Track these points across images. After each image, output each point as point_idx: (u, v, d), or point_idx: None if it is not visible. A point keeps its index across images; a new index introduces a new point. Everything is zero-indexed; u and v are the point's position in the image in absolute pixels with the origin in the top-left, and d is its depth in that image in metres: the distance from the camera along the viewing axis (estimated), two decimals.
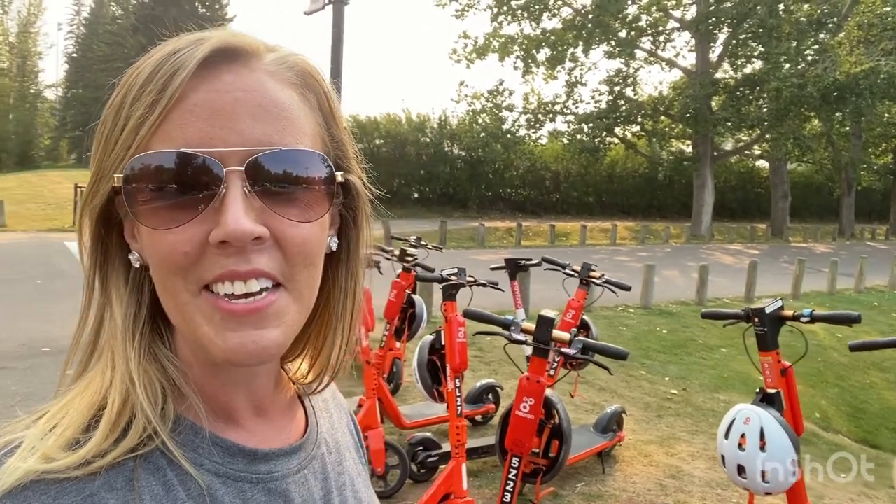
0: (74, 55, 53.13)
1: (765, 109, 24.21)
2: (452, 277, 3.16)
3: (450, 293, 3.14)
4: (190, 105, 0.50)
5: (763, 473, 2.09)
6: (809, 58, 22.51)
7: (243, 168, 0.50)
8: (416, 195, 27.12)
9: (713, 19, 23.78)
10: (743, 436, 2.13)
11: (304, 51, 0.59)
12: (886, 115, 28.30)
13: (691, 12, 25.81)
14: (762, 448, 2.08)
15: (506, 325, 2.34)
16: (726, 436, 2.19)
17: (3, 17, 42.64)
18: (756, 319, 2.36)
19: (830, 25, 23.32)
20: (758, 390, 2.28)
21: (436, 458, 3.83)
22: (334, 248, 0.61)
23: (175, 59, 0.51)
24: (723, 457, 2.20)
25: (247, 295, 0.50)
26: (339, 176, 0.56)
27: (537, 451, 2.64)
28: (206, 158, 0.49)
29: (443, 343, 3.29)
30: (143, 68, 0.52)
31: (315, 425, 0.67)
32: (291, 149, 0.52)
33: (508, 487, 2.22)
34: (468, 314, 2.55)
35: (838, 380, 8.54)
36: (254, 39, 0.55)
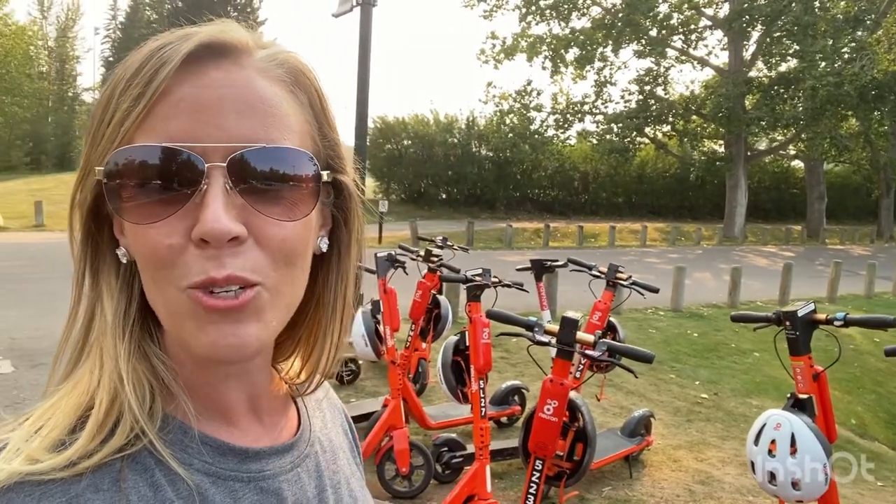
0: (111, 59, 54.41)
1: (800, 108, 23.68)
2: (477, 278, 3.14)
3: (474, 294, 3.12)
4: (175, 100, 0.50)
5: (794, 482, 2.03)
6: (846, 55, 21.96)
7: (225, 164, 0.49)
8: (443, 196, 27.16)
9: (746, 17, 23.33)
10: (773, 442, 2.08)
11: (332, 53, 0.58)
12: None
13: (724, 10, 25.36)
14: (793, 454, 2.03)
15: (529, 327, 2.31)
16: (756, 442, 2.14)
17: (43, 23, 43.77)
18: (787, 323, 2.29)
19: (868, 22, 22.71)
20: (789, 395, 2.22)
21: (460, 460, 3.82)
22: (324, 250, 0.60)
23: (162, 53, 0.50)
24: (752, 463, 2.16)
25: (226, 290, 0.49)
26: (325, 175, 0.55)
27: (561, 454, 2.60)
28: (188, 153, 0.49)
29: (467, 344, 3.28)
30: (131, 63, 0.52)
31: (308, 424, 0.66)
32: (276, 146, 0.51)
33: (532, 490, 2.20)
34: (491, 315, 2.53)
35: (876, 386, 8.31)
36: (244, 35, 0.54)
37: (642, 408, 4.68)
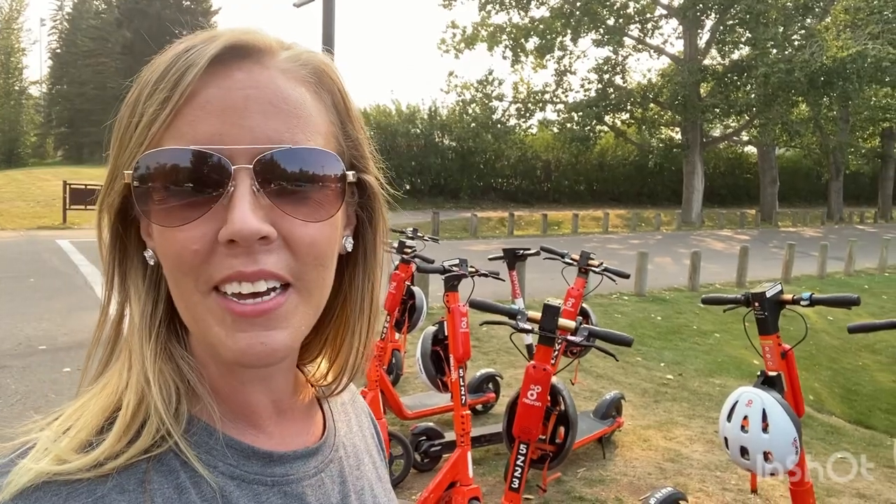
0: (58, 51, 52.59)
1: (753, 95, 24.30)
2: (454, 268, 3.18)
3: (452, 284, 3.16)
4: (201, 102, 0.50)
5: (766, 454, 2.13)
6: (797, 43, 22.60)
7: (252, 166, 0.50)
8: (407, 187, 27.11)
9: (700, 5, 23.80)
10: (745, 418, 2.17)
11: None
12: (873, 98, 28.44)
13: None
14: (764, 430, 2.13)
15: (512, 315, 2.37)
16: (729, 418, 2.23)
17: None
18: (756, 304, 2.39)
19: (817, 10, 23.41)
20: (759, 373, 2.32)
21: (439, 448, 3.87)
22: (349, 249, 0.60)
23: (187, 56, 0.51)
24: (725, 439, 2.25)
25: (254, 294, 0.50)
26: (350, 175, 0.56)
27: (544, 437, 2.68)
28: (215, 156, 0.49)
29: (445, 333, 3.32)
30: (157, 66, 0.52)
31: (333, 428, 0.66)
32: (302, 147, 0.51)
33: (516, 474, 2.26)
34: (474, 304, 2.58)
35: (831, 362, 8.67)
36: (267, 36, 0.55)
37: (612, 390, 4.80)
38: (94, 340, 0.56)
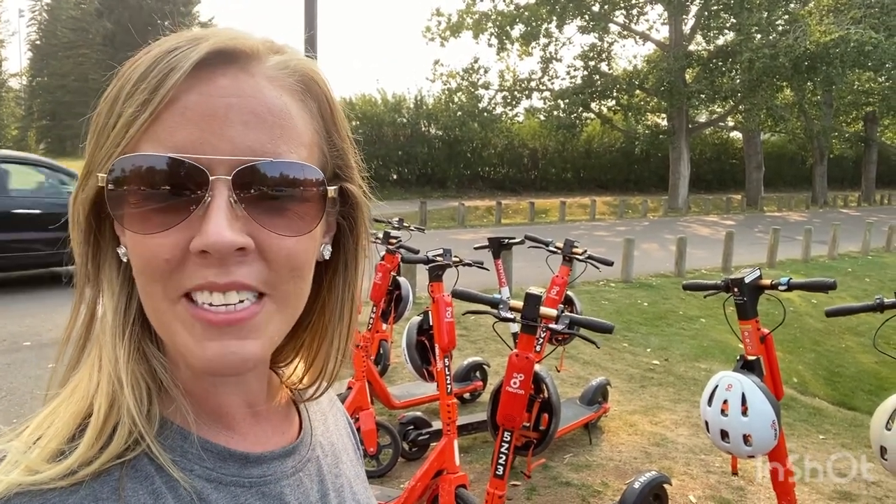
0: (38, 42, 51.79)
1: (738, 81, 24.38)
2: (438, 258, 3.19)
3: (436, 274, 3.17)
4: (181, 108, 0.49)
5: (745, 437, 2.17)
6: (780, 28, 22.68)
7: (230, 177, 0.48)
8: (394, 176, 27.03)
9: None
10: (725, 402, 2.20)
11: (276, 32, 0.57)
12: (856, 83, 28.68)
13: None
14: (744, 413, 2.16)
15: (494, 304, 2.38)
16: (709, 402, 2.26)
17: None
18: (735, 289, 2.42)
19: None
20: (738, 357, 2.35)
21: (426, 437, 3.90)
22: (327, 257, 0.59)
23: (171, 58, 0.49)
24: (706, 423, 2.28)
25: (226, 305, 0.49)
26: (331, 191, 0.55)
27: (528, 424, 2.70)
28: (193, 165, 0.48)
29: (430, 323, 3.33)
30: (140, 64, 0.50)
31: (309, 427, 0.66)
32: (283, 160, 0.50)
33: (501, 461, 2.28)
34: (457, 294, 2.59)
35: (814, 345, 8.78)
36: (256, 41, 0.53)
37: (599, 377, 4.84)
38: (64, 338, 0.54)
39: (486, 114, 27.07)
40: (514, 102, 27.57)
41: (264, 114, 0.50)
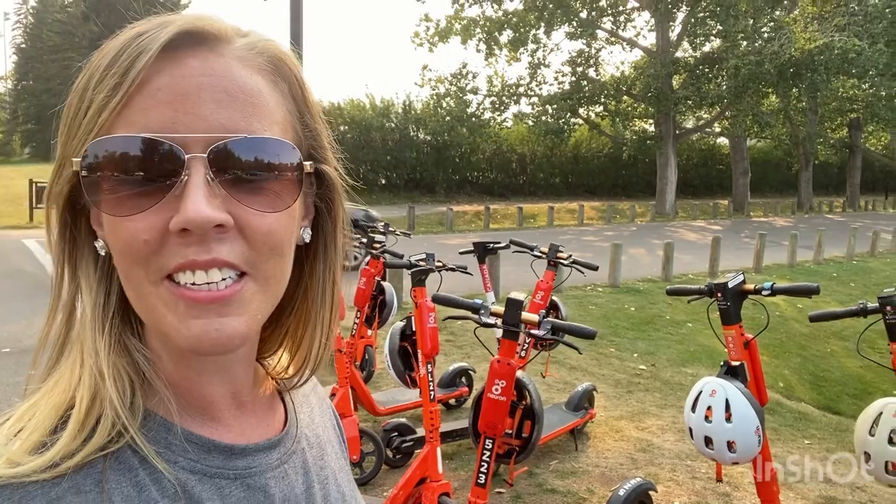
0: (23, 46, 51.39)
1: (724, 87, 24.56)
2: (421, 263, 3.15)
3: (419, 279, 3.13)
4: (153, 90, 0.48)
5: (730, 444, 2.14)
6: (766, 35, 22.87)
7: (206, 155, 0.48)
8: (382, 181, 26.99)
9: None
10: (709, 408, 2.18)
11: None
12: (841, 89, 28.95)
13: None
14: (728, 419, 2.14)
15: (475, 309, 2.34)
16: (693, 409, 2.24)
17: None
18: (719, 294, 2.40)
19: (785, 2, 23.76)
20: (722, 363, 2.33)
21: (410, 444, 3.85)
22: (307, 240, 0.59)
23: (139, 42, 0.49)
24: (690, 429, 2.26)
25: (209, 283, 0.49)
26: (307, 166, 0.55)
27: (510, 431, 2.67)
28: (168, 144, 0.48)
29: (413, 329, 3.29)
30: (108, 51, 0.50)
31: (294, 420, 0.65)
32: (257, 136, 0.50)
33: (483, 469, 2.25)
34: (437, 299, 2.55)
35: (800, 349, 8.81)
36: (223, 24, 0.53)
37: (585, 382, 4.82)
38: (42, 336, 0.54)
39: (474, 119, 27.11)
40: (502, 108, 27.65)
41: (236, 92, 0.50)
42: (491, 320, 2.27)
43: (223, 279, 0.49)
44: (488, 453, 2.23)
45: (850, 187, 36.06)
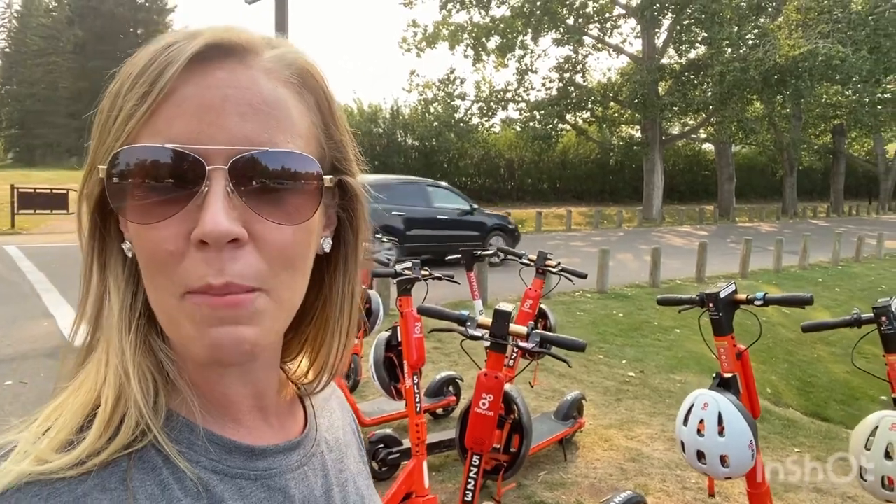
0: (7, 50, 50.92)
1: (709, 93, 24.74)
2: (407, 272, 3.09)
3: (405, 288, 3.06)
4: (179, 100, 0.49)
5: (723, 458, 2.09)
6: (751, 42, 23.08)
7: (227, 167, 0.49)
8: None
9: (657, 5, 24.15)
10: (702, 421, 2.13)
11: None
12: (824, 96, 29.28)
13: None
14: (720, 433, 2.09)
15: (461, 321, 2.28)
16: (685, 422, 2.18)
17: None
18: (711, 304, 2.36)
19: (769, 10, 23.98)
20: (714, 375, 2.28)
21: (397, 455, 3.77)
22: (327, 250, 0.60)
23: (168, 53, 0.50)
24: (682, 443, 2.20)
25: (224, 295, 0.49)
26: (328, 180, 0.55)
27: (498, 446, 2.60)
28: (190, 155, 0.48)
29: (399, 339, 3.22)
30: (139, 60, 0.51)
31: (314, 423, 0.66)
32: (279, 150, 0.51)
33: (470, 486, 2.18)
34: (422, 311, 2.48)
35: (787, 355, 8.82)
36: (252, 35, 0.54)
37: (574, 390, 4.76)
38: (72, 333, 0.56)
39: (462, 124, 27.13)
40: (490, 113, 27.68)
41: (260, 105, 0.51)
42: (478, 333, 2.20)
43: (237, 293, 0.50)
44: (475, 470, 2.16)
45: (834, 192, 36.43)
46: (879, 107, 28.61)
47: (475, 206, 13.31)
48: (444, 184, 13.67)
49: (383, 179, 12.53)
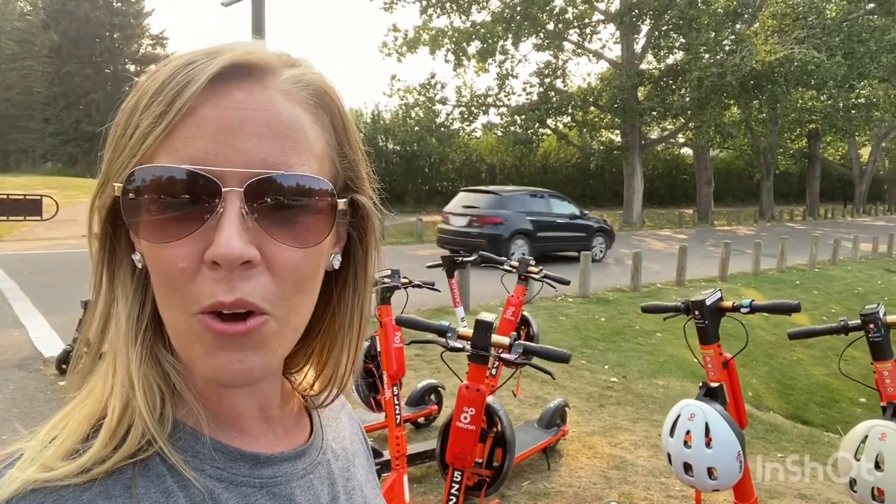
0: None
1: (687, 98, 24.94)
2: (386, 280, 3.01)
3: (384, 296, 2.99)
4: (197, 120, 0.50)
5: (710, 470, 2.04)
6: (728, 47, 23.31)
7: (242, 189, 0.49)
8: None
9: (636, 11, 24.32)
10: (688, 433, 2.08)
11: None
12: (800, 101, 29.66)
13: (615, 4, 26.33)
14: (708, 444, 2.04)
15: (442, 332, 2.20)
16: (671, 433, 2.13)
17: None
18: (696, 312, 2.31)
19: (746, 16, 24.24)
20: (701, 384, 2.23)
21: (378, 467, 3.68)
22: (336, 267, 0.60)
23: (187, 72, 0.50)
24: (669, 455, 2.15)
25: (234, 316, 0.50)
26: (341, 203, 0.56)
27: (480, 461, 2.52)
28: (206, 176, 0.49)
29: (378, 349, 3.14)
30: (157, 77, 0.51)
31: (320, 431, 0.67)
32: (294, 173, 0.51)
33: (451, 503, 2.10)
34: (401, 322, 2.40)
35: (767, 358, 8.87)
36: (271, 54, 0.54)
37: (557, 397, 4.71)
38: (80, 342, 0.56)
39: (443, 129, 27.07)
40: (471, 118, 27.66)
41: (277, 126, 0.51)
42: (459, 344, 2.13)
43: (247, 312, 0.50)
44: (457, 486, 2.09)
45: (810, 196, 36.94)
46: (853, 111, 29.07)
47: (584, 211, 14.93)
48: (558, 193, 15.43)
49: (515, 191, 14.54)
